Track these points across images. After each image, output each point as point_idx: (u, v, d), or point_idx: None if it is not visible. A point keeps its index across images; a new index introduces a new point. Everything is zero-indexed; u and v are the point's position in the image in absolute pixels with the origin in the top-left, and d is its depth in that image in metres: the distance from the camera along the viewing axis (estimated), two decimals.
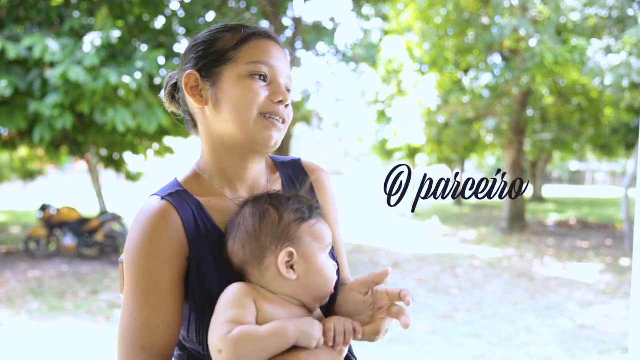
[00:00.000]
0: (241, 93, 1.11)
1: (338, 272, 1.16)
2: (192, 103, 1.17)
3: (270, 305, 1.03)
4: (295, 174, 1.30)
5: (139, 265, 1.06)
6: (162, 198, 1.11)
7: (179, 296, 1.08)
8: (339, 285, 1.22)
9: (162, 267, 1.06)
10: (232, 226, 1.10)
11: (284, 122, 1.15)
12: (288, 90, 1.17)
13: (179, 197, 1.13)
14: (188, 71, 1.15)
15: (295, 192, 1.26)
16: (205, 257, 1.10)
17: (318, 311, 1.12)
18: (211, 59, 1.14)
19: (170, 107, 1.28)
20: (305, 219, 1.08)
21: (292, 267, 1.05)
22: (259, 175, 1.23)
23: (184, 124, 1.28)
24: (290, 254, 1.05)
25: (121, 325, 1.08)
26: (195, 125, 1.22)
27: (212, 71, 1.14)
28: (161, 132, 9.63)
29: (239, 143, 1.14)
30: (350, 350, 1.27)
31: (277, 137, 1.14)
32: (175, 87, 1.25)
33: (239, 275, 1.09)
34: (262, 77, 1.13)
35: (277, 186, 1.26)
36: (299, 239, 1.07)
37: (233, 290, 1.03)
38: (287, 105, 1.16)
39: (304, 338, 0.98)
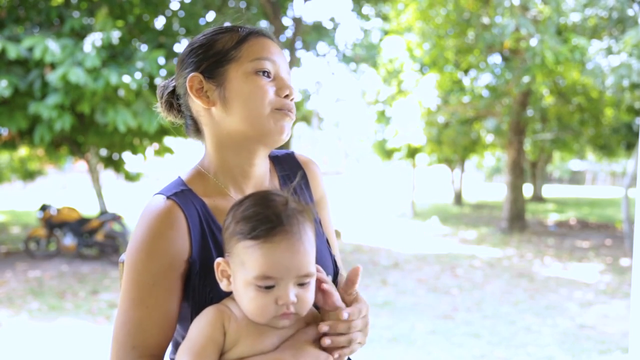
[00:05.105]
0: (251, 90, 1.12)
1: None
2: (197, 105, 1.16)
3: (243, 325, 0.99)
4: (290, 166, 1.31)
5: (139, 265, 1.06)
6: (168, 197, 1.10)
7: (175, 298, 1.07)
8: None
9: (162, 269, 1.05)
10: None
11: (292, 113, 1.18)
12: None
13: (184, 196, 1.11)
14: (191, 74, 1.15)
15: (290, 184, 1.26)
16: (208, 258, 1.09)
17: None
18: (213, 60, 1.14)
19: (168, 117, 1.26)
20: (245, 237, 0.97)
21: (228, 278, 1.02)
22: (264, 174, 1.23)
23: (182, 130, 1.27)
24: (224, 263, 1.01)
25: (115, 323, 1.08)
26: (196, 129, 1.21)
27: (216, 72, 1.14)
28: (161, 132, 9.63)
29: (249, 139, 1.15)
30: None
31: (288, 128, 1.16)
32: (172, 95, 1.24)
33: None
34: (266, 74, 1.14)
35: (274, 180, 1.27)
36: (235, 254, 0.99)
37: (199, 322, 1.00)
38: (292, 99, 1.17)
39: None
